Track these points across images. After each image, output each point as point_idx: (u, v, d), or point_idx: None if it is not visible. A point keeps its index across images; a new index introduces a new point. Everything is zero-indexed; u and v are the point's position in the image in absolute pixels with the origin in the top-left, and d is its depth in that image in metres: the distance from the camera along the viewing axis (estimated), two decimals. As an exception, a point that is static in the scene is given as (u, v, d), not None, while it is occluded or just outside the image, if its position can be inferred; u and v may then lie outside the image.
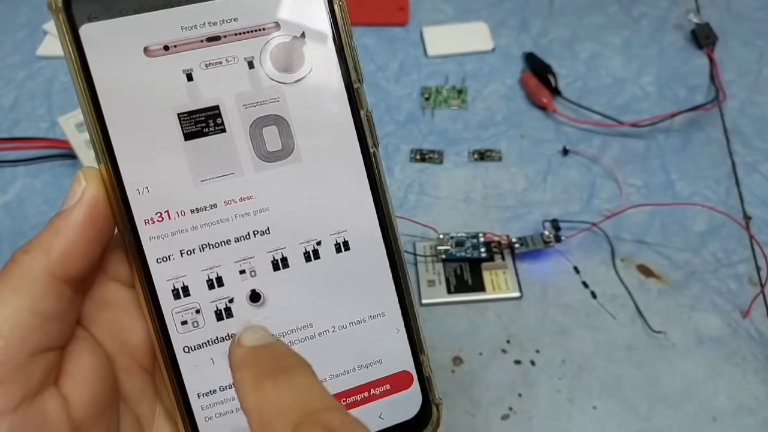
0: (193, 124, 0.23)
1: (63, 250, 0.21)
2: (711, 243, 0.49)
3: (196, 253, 0.23)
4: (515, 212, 0.51)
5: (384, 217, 0.25)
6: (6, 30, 0.66)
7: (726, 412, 0.41)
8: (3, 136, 0.57)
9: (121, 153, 0.23)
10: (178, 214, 0.23)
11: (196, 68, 0.23)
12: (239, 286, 0.24)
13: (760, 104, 0.58)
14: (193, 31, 0.23)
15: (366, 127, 0.24)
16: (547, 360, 0.43)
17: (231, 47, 0.23)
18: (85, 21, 0.22)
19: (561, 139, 0.56)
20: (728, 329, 0.44)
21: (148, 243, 0.23)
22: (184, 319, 0.23)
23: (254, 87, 0.24)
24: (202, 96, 0.23)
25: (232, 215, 0.24)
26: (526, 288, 0.47)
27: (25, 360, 0.20)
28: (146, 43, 0.22)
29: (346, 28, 0.24)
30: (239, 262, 0.24)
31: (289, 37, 0.24)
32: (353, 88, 0.24)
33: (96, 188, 0.22)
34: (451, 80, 0.60)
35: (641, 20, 0.65)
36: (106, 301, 0.24)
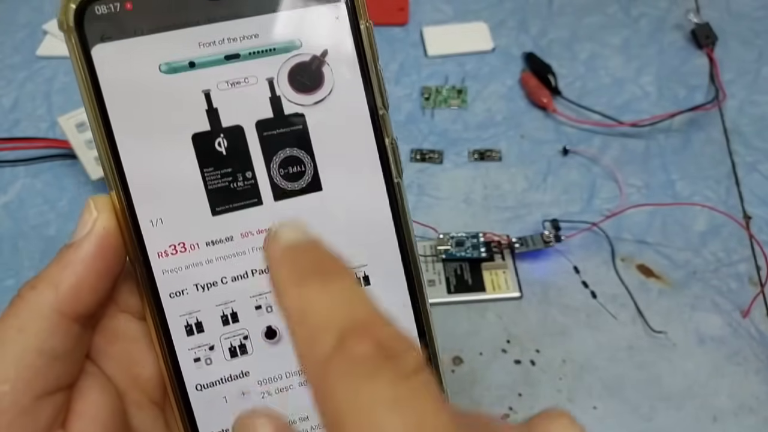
0: (210, 149, 0.22)
1: (71, 285, 0.20)
2: (711, 243, 0.49)
3: (210, 288, 0.22)
4: (515, 212, 0.51)
5: (406, 251, 0.23)
6: (6, 30, 0.66)
7: (727, 412, 0.41)
8: (3, 136, 0.57)
9: (134, 181, 0.21)
10: (192, 247, 0.22)
11: (214, 89, 0.22)
12: (255, 321, 0.23)
13: (759, 104, 0.58)
14: (212, 48, 0.22)
15: (391, 156, 0.23)
16: (548, 360, 0.43)
17: (251, 65, 0.22)
18: (97, 41, 0.21)
19: (561, 139, 0.56)
20: (729, 329, 0.44)
21: (161, 277, 0.22)
22: (197, 356, 0.23)
23: (275, 111, 0.22)
24: (220, 119, 0.22)
25: (249, 248, 0.22)
26: (526, 288, 0.47)
27: (31, 403, 0.20)
28: (161, 62, 0.21)
29: (372, 50, 0.23)
30: (255, 297, 0.23)
31: (309, 55, 0.22)
32: (378, 114, 0.23)
33: (107, 219, 0.21)
34: (451, 80, 0.60)
35: (641, 20, 0.65)
36: (116, 334, 0.23)
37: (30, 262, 0.49)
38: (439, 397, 0.16)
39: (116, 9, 0.21)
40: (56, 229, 0.51)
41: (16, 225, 0.51)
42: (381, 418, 0.15)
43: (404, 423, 0.15)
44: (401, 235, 0.23)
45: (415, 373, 0.16)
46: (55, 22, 0.65)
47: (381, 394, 0.15)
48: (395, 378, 0.16)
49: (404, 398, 0.15)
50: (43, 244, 0.50)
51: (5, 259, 0.49)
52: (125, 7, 0.21)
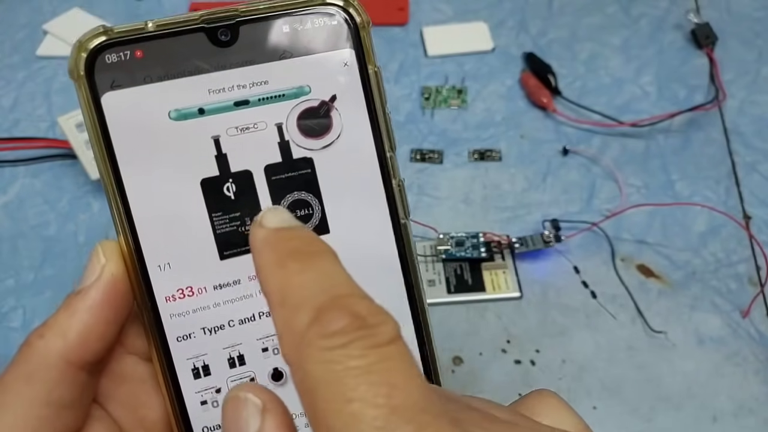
0: (218, 194, 0.22)
1: (79, 333, 0.20)
2: (711, 243, 0.49)
3: (217, 332, 0.22)
4: (515, 212, 0.51)
5: (413, 293, 0.24)
6: (6, 30, 0.66)
7: (727, 413, 0.41)
8: (3, 136, 0.57)
9: (143, 226, 0.22)
10: (200, 291, 0.22)
11: (223, 134, 0.22)
12: (261, 363, 0.23)
13: (759, 104, 0.58)
14: (222, 95, 0.22)
15: (398, 198, 0.23)
16: (547, 360, 0.43)
17: (260, 111, 0.22)
18: (107, 89, 0.21)
19: (561, 139, 0.56)
20: (728, 329, 0.44)
21: (169, 321, 0.22)
22: (203, 398, 0.23)
23: (284, 156, 0.22)
24: (229, 164, 0.22)
25: (256, 291, 0.22)
26: (526, 288, 0.47)
27: None
28: (171, 108, 0.22)
29: (380, 94, 0.23)
30: (262, 340, 0.23)
31: (318, 100, 0.23)
32: (386, 157, 0.23)
33: (116, 265, 0.21)
34: (450, 80, 0.60)
35: (641, 20, 0.65)
36: (123, 376, 0.23)
37: (30, 262, 0.49)
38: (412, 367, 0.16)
39: (126, 57, 0.21)
40: (56, 229, 0.51)
41: (15, 225, 0.51)
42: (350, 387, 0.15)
43: (374, 391, 0.15)
44: (408, 276, 0.24)
45: (389, 344, 0.16)
46: (55, 22, 0.65)
47: (351, 363, 0.15)
48: (367, 347, 0.16)
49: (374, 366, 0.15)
50: (43, 244, 0.50)
51: (5, 259, 0.49)
52: (135, 56, 0.21)
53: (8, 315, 0.47)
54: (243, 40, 0.22)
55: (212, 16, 0.22)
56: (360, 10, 0.23)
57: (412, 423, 0.15)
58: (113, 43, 0.21)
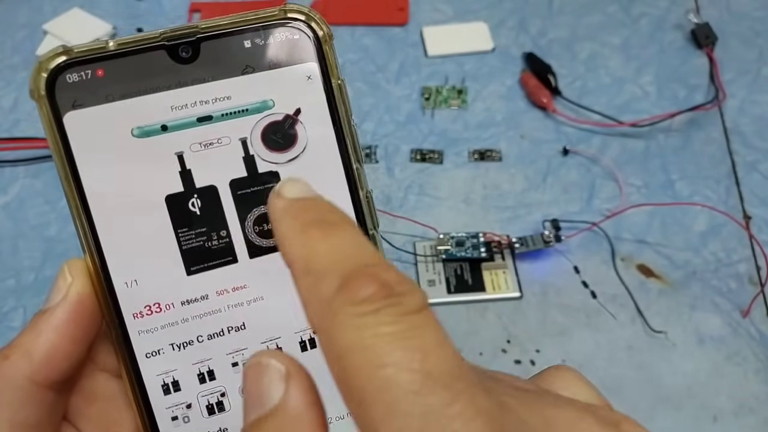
0: (183, 210, 0.22)
1: (45, 353, 0.20)
2: (711, 243, 0.49)
3: (186, 347, 0.22)
4: (515, 212, 0.51)
5: None
6: (6, 30, 0.66)
7: (727, 412, 0.41)
8: (3, 136, 0.57)
9: (108, 244, 0.22)
10: (167, 307, 0.22)
11: (187, 150, 0.22)
12: (232, 378, 0.23)
13: (759, 103, 0.58)
14: (184, 111, 0.22)
15: (365, 209, 0.23)
16: (548, 360, 0.43)
17: (223, 126, 0.22)
18: (69, 108, 0.21)
19: (561, 139, 0.56)
20: (729, 329, 0.44)
21: (137, 337, 0.22)
22: (174, 414, 0.22)
23: (248, 171, 0.22)
24: (194, 180, 0.22)
25: (225, 306, 0.22)
26: (526, 288, 0.47)
27: None
28: (133, 126, 0.21)
29: (345, 107, 0.23)
30: (232, 354, 0.23)
31: (281, 115, 0.23)
32: (353, 169, 0.23)
33: (82, 284, 0.21)
34: (451, 80, 0.60)
35: (641, 20, 0.65)
36: (95, 394, 0.22)
37: (30, 262, 0.49)
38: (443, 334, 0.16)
39: (87, 77, 0.21)
40: (56, 229, 0.51)
41: (16, 225, 0.51)
42: (383, 352, 0.15)
43: (408, 356, 0.15)
44: None
45: (418, 311, 0.16)
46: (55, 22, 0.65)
47: (383, 329, 0.15)
48: (398, 315, 0.16)
49: (407, 333, 0.15)
50: (43, 244, 0.50)
51: (5, 260, 0.49)
52: (96, 75, 0.21)
53: (9, 315, 0.47)
54: (204, 56, 0.22)
55: (173, 34, 0.22)
56: (322, 23, 0.23)
57: (447, 389, 0.15)
58: (74, 62, 0.21)
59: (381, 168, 0.54)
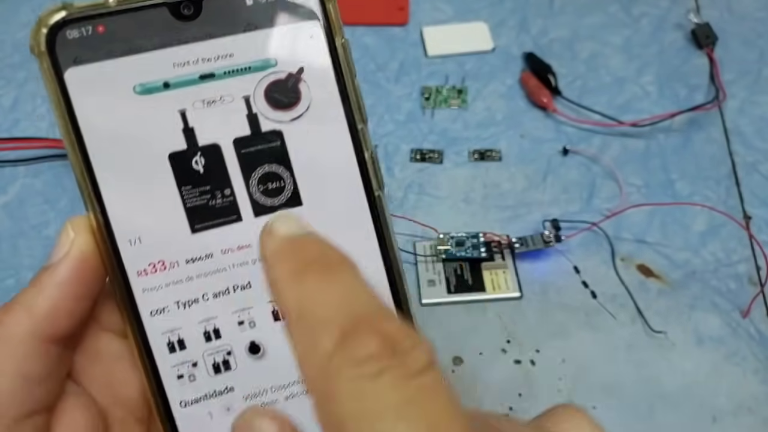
0: (187, 168, 0.22)
1: (46, 309, 0.20)
2: (711, 243, 0.49)
3: (191, 305, 0.22)
4: (515, 212, 0.51)
5: (390, 262, 0.23)
6: (6, 30, 0.66)
7: (726, 412, 0.41)
8: (3, 136, 0.57)
9: (111, 202, 0.21)
10: (172, 265, 0.22)
11: (189, 108, 0.22)
12: (238, 337, 0.23)
13: (760, 104, 0.58)
14: (186, 68, 0.22)
15: (371, 170, 0.23)
16: (547, 360, 0.43)
17: (226, 84, 0.22)
18: (70, 65, 0.21)
19: (561, 138, 0.56)
20: (728, 329, 0.44)
21: (141, 295, 0.22)
22: (180, 373, 0.22)
23: (252, 128, 0.22)
24: (197, 138, 0.22)
25: (230, 264, 0.22)
26: (526, 288, 0.47)
27: (11, 427, 0.19)
28: (135, 83, 0.21)
29: (349, 66, 0.23)
30: (237, 313, 0.23)
31: (284, 73, 0.22)
32: (357, 129, 0.23)
33: (84, 241, 0.21)
34: (451, 80, 0.60)
35: (641, 20, 0.65)
36: (99, 353, 0.22)
37: (30, 261, 0.49)
38: (451, 397, 0.15)
39: (88, 32, 0.21)
40: (56, 228, 0.51)
41: (16, 225, 0.51)
42: (387, 425, 0.14)
43: (413, 430, 0.14)
44: (384, 247, 0.23)
45: (424, 372, 0.15)
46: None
47: (387, 397, 0.14)
48: (402, 378, 0.15)
49: (413, 401, 0.14)
50: (43, 244, 0.50)
51: (5, 259, 0.49)
52: (97, 31, 0.21)
53: (8, 314, 0.47)
54: (206, 13, 0.22)
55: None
56: None
57: None
58: (74, 18, 0.21)
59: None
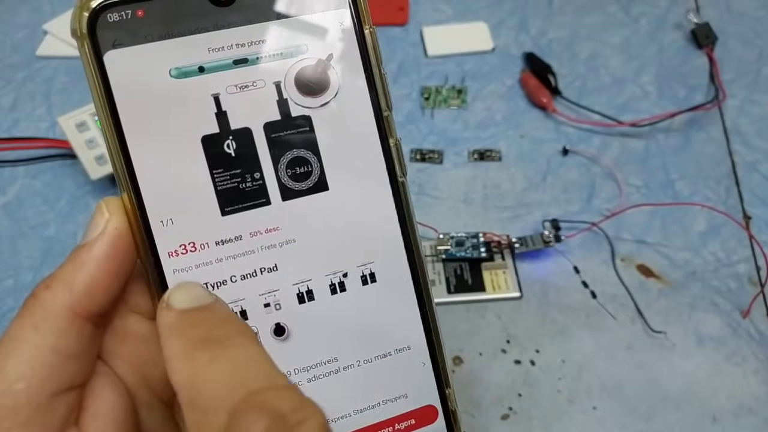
0: (219, 151, 0.23)
1: (85, 285, 0.21)
2: (711, 243, 0.49)
3: (220, 287, 0.23)
4: (515, 212, 0.51)
5: (411, 248, 0.24)
6: (6, 30, 0.66)
7: (726, 412, 0.41)
8: (3, 136, 0.57)
9: (145, 183, 0.22)
10: (202, 246, 0.23)
11: (223, 92, 0.22)
12: (263, 319, 0.23)
13: (759, 103, 0.58)
14: (221, 53, 0.22)
15: (395, 156, 0.24)
16: (547, 360, 0.43)
17: (258, 70, 0.23)
18: (109, 48, 0.21)
19: (561, 139, 0.56)
20: (728, 329, 0.44)
21: (172, 276, 0.22)
22: None
23: (282, 113, 0.23)
24: (230, 122, 0.23)
25: (258, 247, 0.23)
26: (526, 288, 0.47)
27: (46, 401, 0.20)
28: (171, 66, 0.22)
29: (376, 55, 0.24)
30: (264, 295, 0.23)
31: (315, 59, 0.23)
32: (382, 116, 0.24)
33: (119, 220, 0.21)
34: (450, 80, 0.60)
35: (641, 19, 0.65)
36: (127, 334, 0.23)
37: (29, 262, 0.49)
38: None
39: (128, 16, 0.21)
40: (55, 229, 0.51)
41: (15, 225, 0.51)
42: None
43: None
44: (406, 233, 0.24)
45: None
46: (55, 22, 0.65)
47: None
48: None
49: None
50: (43, 244, 0.50)
51: (5, 259, 0.49)
52: (137, 15, 0.22)
53: (7, 315, 0.47)
54: (241, 0, 0.22)
55: None
56: None
57: None
58: (115, 2, 0.21)
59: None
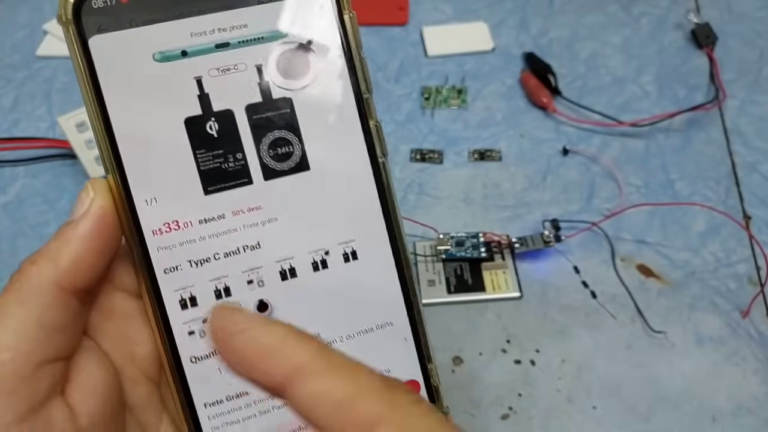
0: (201, 132, 0.23)
1: (71, 261, 0.21)
2: (711, 243, 0.49)
3: (203, 264, 0.23)
4: (515, 212, 0.51)
5: (392, 226, 0.25)
6: (6, 30, 0.66)
7: (726, 413, 0.41)
8: (3, 136, 0.57)
9: (129, 164, 0.23)
10: (186, 225, 0.23)
11: (205, 75, 0.23)
12: (247, 296, 0.24)
13: (760, 104, 0.58)
14: (203, 38, 0.23)
15: (375, 138, 0.24)
16: (547, 360, 0.43)
17: (240, 53, 0.23)
18: (94, 33, 0.22)
19: (561, 138, 0.56)
20: (728, 329, 0.44)
21: (156, 254, 0.23)
22: (191, 329, 0.23)
23: (264, 96, 0.23)
24: (212, 104, 0.23)
25: (240, 225, 0.23)
26: (526, 288, 0.47)
27: (31, 372, 0.20)
28: (155, 51, 0.23)
29: (355, 39, 0.24)
30: (247, 272, 0.24)
31: (295, 44, 0.24)
32: (363, 99, 0.24)
33: (104, 199, 0.22)
34: (451, 80, 0.60)
35: (641, 19, 0.65)
36: (113, 312, 0.23)
37: (30, 261, 0.49)
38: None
39: (112, 2, 0.22)
40: (55, 228, 0.51)
41: (15, 225, 0.51)
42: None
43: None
44: (387, 212, 0.25)
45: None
46: (55, 22, 0.65)
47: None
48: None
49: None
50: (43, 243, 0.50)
51: (5, 259, 0.49)
52: (121, 1, 0.22)
53: (8, 315, 0.47)
54: None
55: None
56: None
57: None
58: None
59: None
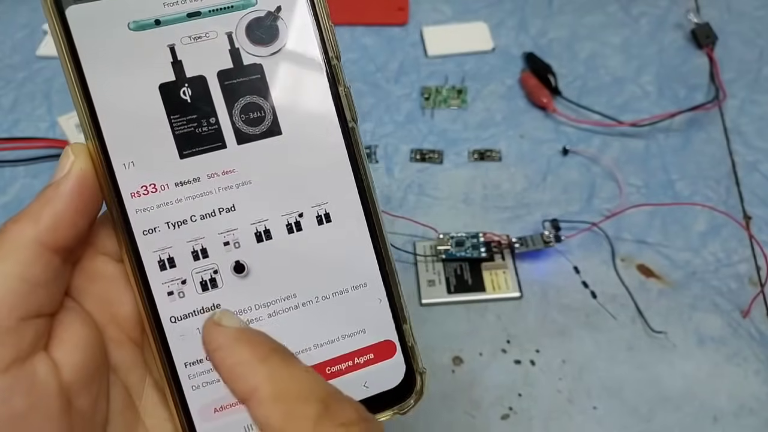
0: (176, 97, 0.24)
1: (51, 219, 0.22)
2: (711, 243, 0.49)
3: (180, 226, 0.24)
4: (515, 212, 0.51)
5: (364, 189, 0.26)
6: (5, 30, 0.66)
7: (727, 413, 0.41)
8: (3, 136, 0.57)
9: (108, 129, 0.23)
10: (162, 187, 0.24)
11: (178, 43, 0.24)
12: (224, 257, 0.24)
13: (760, 103, 0.58)
14: (175, 7, 0.24)
15: (345, 103, 0.25)
16: (547, 360, 0.43)
17: (211, 22, 0.24)
18: (71, 3, 0.23)
19: (561, 139, 0.56)
20: (729, 329, 0.44)
21: (135, 215, 0.24)
22: (170, 289, 0.24)
23: (234, 62, 0.24)
24: (185, 70, 0.24)
25: (216, 188, 0.24)
26: (526, 288, 0.47)
27: (15, 324, 0.21)
28: (130, 20, 0.23)
29: (323, 7, 0.25)
30: (223, 234, 0.24)
31: (264, 11, 0.25)
32: (331, 65, 0.25)
33: (84, 162, 0.23)
34: (450, 80, 0.60)
35: (641, 19, 0.65)
36: (96, 274, 0.24)
37: (30, 262, 0.49)
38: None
39: None
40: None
41: (15, 225, 0.51)
42: None
43: None
44: (358, 175, 0.25)
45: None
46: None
47: None
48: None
49: None
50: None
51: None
52: None
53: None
54: None
55: None
56: None
57: None
58: None
59: (381, 168, 0.54)
